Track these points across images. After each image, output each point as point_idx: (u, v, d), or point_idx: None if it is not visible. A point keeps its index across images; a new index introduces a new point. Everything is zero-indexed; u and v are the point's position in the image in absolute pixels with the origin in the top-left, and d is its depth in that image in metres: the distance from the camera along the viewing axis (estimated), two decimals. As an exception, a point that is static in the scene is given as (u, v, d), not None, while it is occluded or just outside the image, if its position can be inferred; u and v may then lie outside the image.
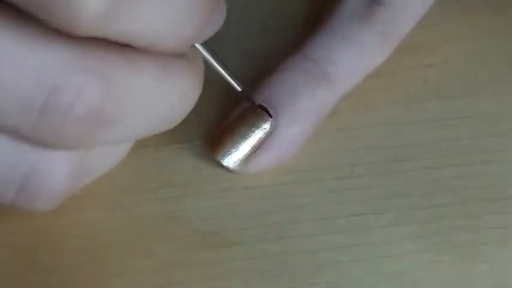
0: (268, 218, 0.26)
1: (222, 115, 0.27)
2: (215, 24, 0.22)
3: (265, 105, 0.26)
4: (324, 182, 0.27)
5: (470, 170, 0.27)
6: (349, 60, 0.27)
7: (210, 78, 0.29)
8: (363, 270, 0.25)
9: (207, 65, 0.23)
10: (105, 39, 0.18)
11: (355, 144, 0.28)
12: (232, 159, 0.26)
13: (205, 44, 0.23)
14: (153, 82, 0.19)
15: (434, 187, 0.27)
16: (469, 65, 0.29)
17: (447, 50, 0.30)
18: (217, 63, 0.24)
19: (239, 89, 0.25)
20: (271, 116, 0.26)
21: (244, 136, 0.26)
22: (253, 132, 0.26)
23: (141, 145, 0.27)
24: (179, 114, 0.22)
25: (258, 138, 0.26)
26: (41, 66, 0.17)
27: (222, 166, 0.26)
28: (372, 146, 0.28)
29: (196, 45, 0.22)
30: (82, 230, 0.25)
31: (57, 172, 0.19)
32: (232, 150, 0.26)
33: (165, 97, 0.20)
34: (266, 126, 0.26)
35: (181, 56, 0.20)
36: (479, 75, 0.29)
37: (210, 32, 0.22)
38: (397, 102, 0.28)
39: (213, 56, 0.23)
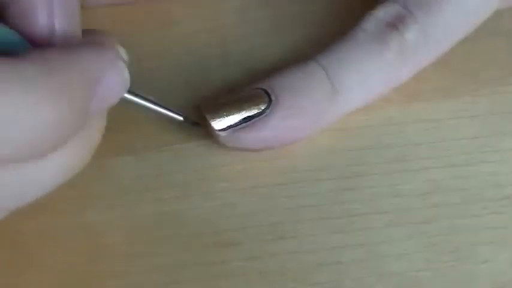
0: (268, 218, 0.26)
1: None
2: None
3: (270, 91, 0.26)
4: (324, 182, 0.27)
5: (470, 170, 0.27)
6: (354, 82, 0.26)
7: (209, 78, 0.29)
8: (363, 270, 0.25)
9: (143, 108, 0.24)
10: None
11: (355, 144, 0.28)
12: (221, 124, 0.26)
13: (133, 93, 0.23)
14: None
15: (434, 187, 0.27)
16: (469, 65, 0.29)
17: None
18: (151, 104, 0.24)
19: (181, 118, 0.26)
20: (271, 101, 0.26)
21: (240, 108, 0.26)
22: (249, 107, 0.26)
23: (142, 146, 0.27)
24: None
25: (251, 114, 0.26)
26: None
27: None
28: (372, 146, 0.28)
29: (125, 95, 0.22)
30: (82, 230, 0.25)
31: None
32: (225, 115, 0.26)
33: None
34: (262, 107, 0.26)
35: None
36: (479, 75, 0.29)
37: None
38: (397, 102, 0.28)
39: (145, 99, 0.24)
